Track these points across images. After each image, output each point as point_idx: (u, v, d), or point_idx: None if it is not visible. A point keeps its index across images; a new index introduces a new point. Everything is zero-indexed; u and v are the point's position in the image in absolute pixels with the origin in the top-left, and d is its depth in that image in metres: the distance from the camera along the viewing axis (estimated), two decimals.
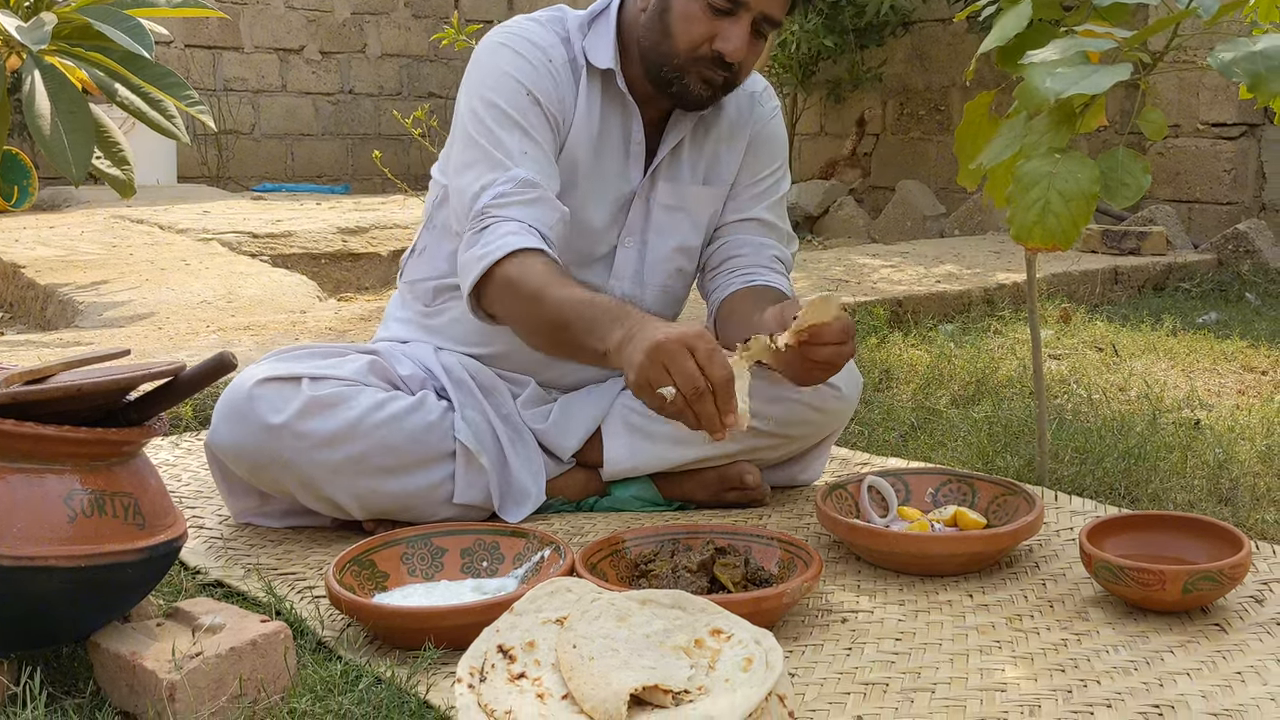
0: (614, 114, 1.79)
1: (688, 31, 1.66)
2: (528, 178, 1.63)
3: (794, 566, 1.47)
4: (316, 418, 1.60)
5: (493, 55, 1.74)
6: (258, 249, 4.41)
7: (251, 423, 1.60)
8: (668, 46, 1.68)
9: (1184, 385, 2.76)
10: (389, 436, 1.64)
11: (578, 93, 1.76)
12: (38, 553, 1.10)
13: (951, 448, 2.21)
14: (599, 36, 1.77)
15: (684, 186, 1.85)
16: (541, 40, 1.75)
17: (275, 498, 1.70)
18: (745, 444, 1.81)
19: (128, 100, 3.26)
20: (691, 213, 1.86)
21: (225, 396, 1.64)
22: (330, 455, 1.61)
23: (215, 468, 1.72)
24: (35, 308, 3.69)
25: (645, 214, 1.84)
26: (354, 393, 1.64)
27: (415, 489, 1.67)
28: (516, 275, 1.56)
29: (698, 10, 1.65)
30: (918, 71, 6.26)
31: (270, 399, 1.61)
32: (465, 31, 3.63)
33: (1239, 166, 4.97)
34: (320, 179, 8.25)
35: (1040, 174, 1.55)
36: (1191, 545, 1.52)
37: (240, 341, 2.82)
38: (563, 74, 1.75)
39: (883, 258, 4.37)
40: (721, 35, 1.65)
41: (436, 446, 1.68)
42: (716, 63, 1.67)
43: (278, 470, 1.62)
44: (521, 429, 1.78)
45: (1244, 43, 1.49)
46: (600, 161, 1.79)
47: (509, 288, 1.56)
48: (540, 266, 1.56)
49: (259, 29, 8.01)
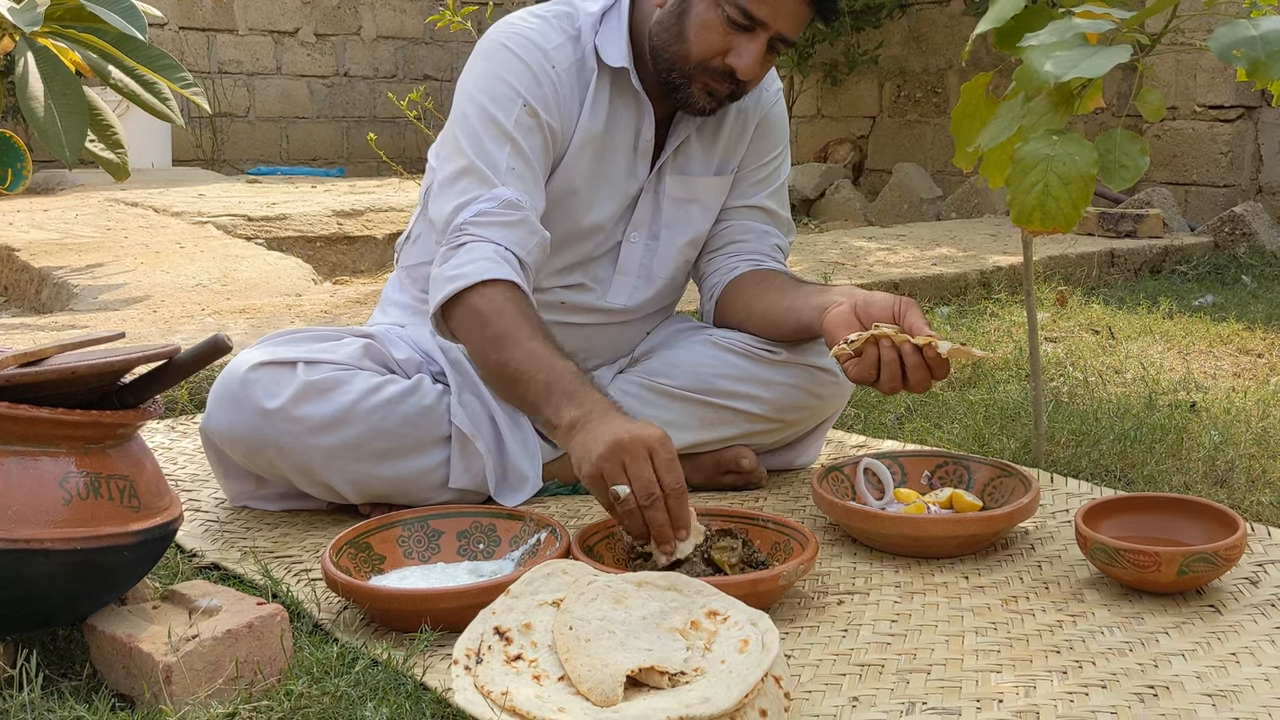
0: (625, 111, 1.76)
1: (703, 41, 1.64)
2: (511, 198, 1.61)
3: (790, 549, 1.47)
4: (311, 402, 1.60)
5: (493, 57, 1.70)
6: (253, 232, 4.40)
7: (246, 408, 1.60)
8: (680, 50, 1.66)
9: (1180, 368, 2.76)
10: (384, 421, 1.63)
11: (585, 95, 1.72)
12: (33, 535, 1.10)
13: (948, 430, 2.22)
14: (611, 31, 1.73)
15: (694, 179, 1.83)
16: (546, 42, 1.71)
17: (271, 481, 1.70)
18: (742, 428, 1.81)
19: (122, 82, 3.24)
20: (703, 203, 1.85)
21: (220, 381, 1.64)
22: (325, 440, 1.60)
23: (211, 452, 1.72)
24: (30, 291, 3.68)
25: (654, 208, 1.82)
26: (348, 377, 1.64)
27: (410, 473, 1.66)
28: (485, 310, 1.54)
29: (716, 21, 1.62)
30: (914, 54, 6.24)
31: (265, 384, 1.60)
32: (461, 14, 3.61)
33: (1236, 149, 4.97)
34: (315, 162, 8.22)
35: (1039, 156, 1.54)
36: (1187, 527, 1.52)
37: (235, 324, 2.81)
38: (567, 79, 1.71)
39: (879, 240, 4.36)
40: (736, 50, 1.63)
41: (432, 431, 1.68)
42: (726, 76, 1.65)
43: (273, 454, 1.61)
44: (516, 413, 1.78)
45: (1243, 25, 1.49)
46: (607, 159, 1.76)
47: (475, 320, 1.55)
48: (511, 307, 1.54)
49: (253, 11, 7.97)
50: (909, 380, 1.51)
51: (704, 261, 1.90)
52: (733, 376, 1.79)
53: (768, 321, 1.78)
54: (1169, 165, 5.13)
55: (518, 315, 1.53)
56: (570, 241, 1.77)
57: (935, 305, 3.50)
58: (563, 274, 1.80)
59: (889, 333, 1.50)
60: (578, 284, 1.81)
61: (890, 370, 1.50)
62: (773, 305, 1.77)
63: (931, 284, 3.60)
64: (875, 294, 1.61)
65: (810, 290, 1.73)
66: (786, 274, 1.84)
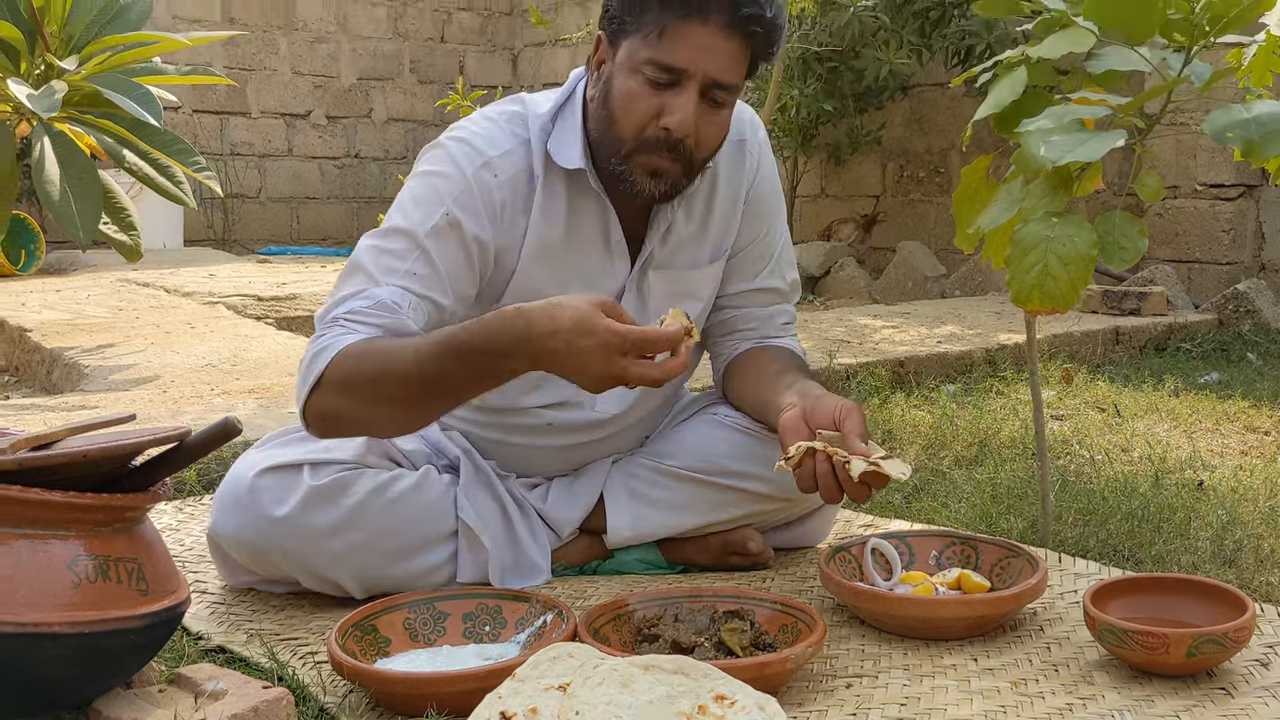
0: (588, 212, 1.67)
1: (631, 112, 1.54)
2: (386, 299, 1.50)
3: (798, 631, 1.46)
4: (319, 508, 1.59)
5: (433, 162, 1.63)
6: (262, 312, 4.44)
7: (253, 515, 1.59)
8: (614, 133, 1.56)
9: (1187, 446, 2.76)
10: (391, 521, 1.63)
11: (532, 202, 1.63)
12: (41, 619, 1.10)
13: (955, 509, 2.21)
14: (565, 132, 1.64)
15: (683, 272, 1.75)
16: (492, 148, 1.62)
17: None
18: (749, 509, 1.81)
19: (136, 166, 3.30)
20: (696, 294, 1.78)
21: (226, 487, 1.63)
22: (333, 544, 1.60)
23: (216, 553, 1.71)
24: (41, 371, 3.71)
25: (640, 305, 1.74)
26: (354, 477, 1.62)
27: (418, 571, 1.66)
28: (346, 368, 1.44)
29: (637, 88, 1.52)
30: (917, 134, 6.32)
31: (272, 490, 1.59)
32: (470, 98, 3.68)
33: (1238, 227, 5.01)
34: (325, 241, 8.31)
35: (1038, 237, 1.57)
36: (1196, 608, 1.51)
37: (244, 404, 2.83)
38: (509, 188, 1.61)
39: (884, 318, 4.38)
40: (669, 109, 1.52)
41: (439, 527, 1.67)
42: (665, 144, 1.54)
43: (280, 558, 1.61)
44: (524, 502, 1.78)
45: (1236, 109, 1.52)
46: (574, 263, 1.68)
47: (343, 385, 1.44)
48: (368, 350, 1.44)
49: (266, 94, 8.12)
50: (847, 493, 1.48)
51: (713, 343, 1.90)
52: (738, 456, 1.79)
53: (753, 410, 1.77)
54: (1172, 243, 5.17)
55: (378, 348, 1.44)
56: None
57: (941, 383, 3.51)
58: (543, 390, 1.73)
59: (820, 447, 1.49)
60: (560, 402, 1.74)
61: (825, 483, 1.47)
62: (753, 396, 1.75)
63: (937, 361, 3.61)
64: (824, 398, 1.57)
65: (780, 385, 1.68)
66: (777, 355, 1.79)
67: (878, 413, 3.03)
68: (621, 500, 1.80)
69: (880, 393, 3.23)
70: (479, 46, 9.10)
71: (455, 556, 1.68)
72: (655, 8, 1.50)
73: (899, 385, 3.42)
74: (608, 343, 1.34)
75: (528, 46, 9.17)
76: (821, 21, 5.60)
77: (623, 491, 1.80)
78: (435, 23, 8.85)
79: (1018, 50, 1.77)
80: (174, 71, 3.49)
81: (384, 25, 8.60)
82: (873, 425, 2.87)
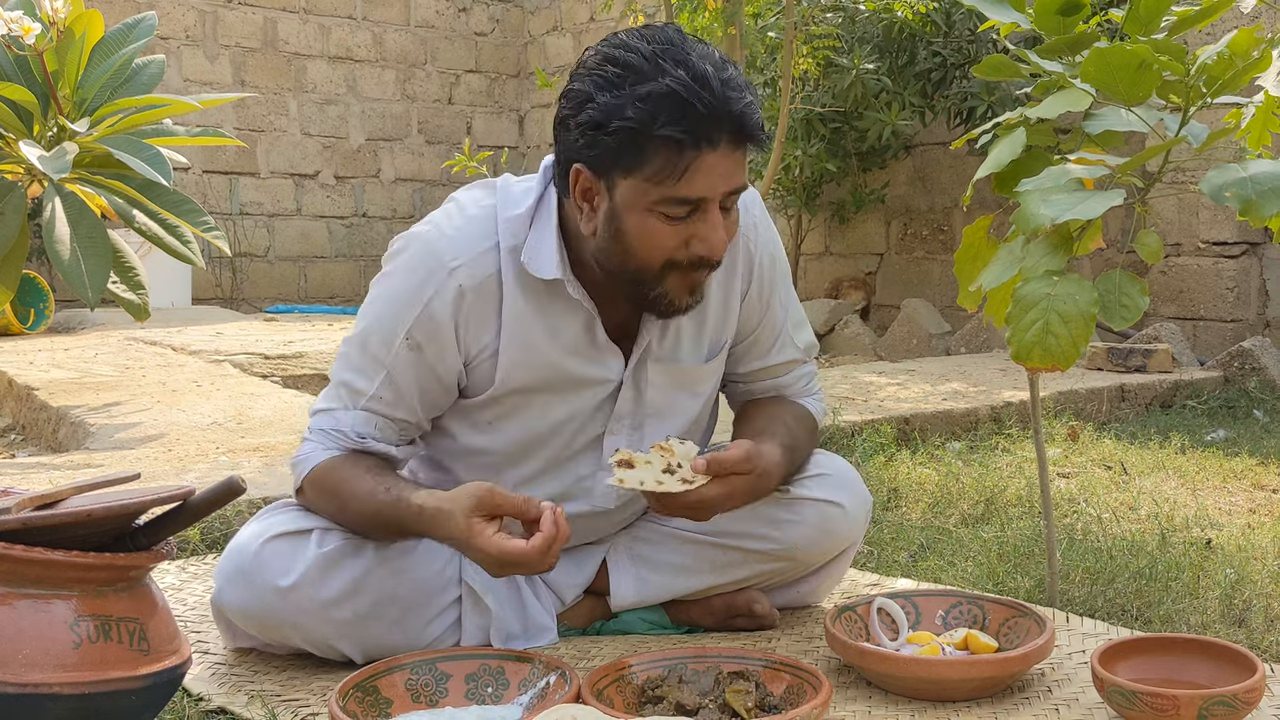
0: (568, 315, 1.63)
1: (654, 248, 1.50)
2: (352, 430, 1.63)
3: (803, 692, 1.45)
4: (326, 577, 1.58)
5: (397, 274, 1.61)
6: (269, 370, 4.45)
7: (259, 585, 1.58)
8: (636, 264, 1.53)
9: (1194, 504, 2.74)
10: (396, 588, 1.62)
11: (502, 310, 1.60)
12: (43, 680, 1.10)
13: (961, 568, 2.20)
14: (541, 241, 1.58)
15: (682, 367, 1.71)
16: (461, 254, 1.58)
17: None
18: (754, 569, 1.80)
19: (145, 226, 3.33)
20: (693, 390, 1.75)
21: (231, 557, 1.61)
22: (338, 613, 1.59)
23: (219, 619, 1.69)
24: (47, 430, 3.72)
25: (636, 399, 1.70)
26: (359, 544, 1.62)
27: (421, 639, 1.65)
28: (320, 484, 1.62)
29: (656, 225, 1.49)
30: (920, 193, 6.37)
31: (280, 559, 1.58)
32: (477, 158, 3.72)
33: (1241, 284, 5.02)
34: (333, 299, 8.36)
35: (1039, 295, 1.57)
36: (1205, 669, 1.50)
37: (249, 462, 2.83)
38: (474, 295, 1.58)
39: (889, 375, 4.39)
40: (698, 237, 1.50)
41: (443, 593, 1.66)
42: (699, 264, 1.53)
43: (287, 630, 1.60)
44: None
45: (1234, 168, 1.53)
46: (562, 362, 1.64)
47: (317, 491, 1.63)
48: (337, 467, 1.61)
49: (275, 155, 8.21)
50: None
51: (734, 403, 1.88)
52: (741, 516, 1.75)
53: None
54: (1176, 300, 5.18)
55: (342, 477, 1.60)
56: (534, 447, 1.69)
57: (946, 440, 3.51)
58: (540, 480, 1.71)
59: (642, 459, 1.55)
60: (560, 493, 1.70)
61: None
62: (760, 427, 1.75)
63: (942, 419, 3.61)
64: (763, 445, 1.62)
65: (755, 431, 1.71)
66: (775, 408, 1.79)
67: (883, 471, 3.02)
68: (624, 564, 1.79)
69: (885, 450, 3.22)
70: (486, 108, 9.21)
71: (460, 621, 1.67)
72: (662, 150, 1.45)
73: (904, 442, 3.41)
74: (484, 559, 1.48)
75: (534, 108, 9.28)
76: (824, 83, 5.67)
77: (626, 556, 1.80)
78: (443, 84, 8.96)
79: (1017, 112, 1.79)
80: (184, 133, 3.53)
81: (392, 87, 8.71)
82: (878, 483, 2.87)
